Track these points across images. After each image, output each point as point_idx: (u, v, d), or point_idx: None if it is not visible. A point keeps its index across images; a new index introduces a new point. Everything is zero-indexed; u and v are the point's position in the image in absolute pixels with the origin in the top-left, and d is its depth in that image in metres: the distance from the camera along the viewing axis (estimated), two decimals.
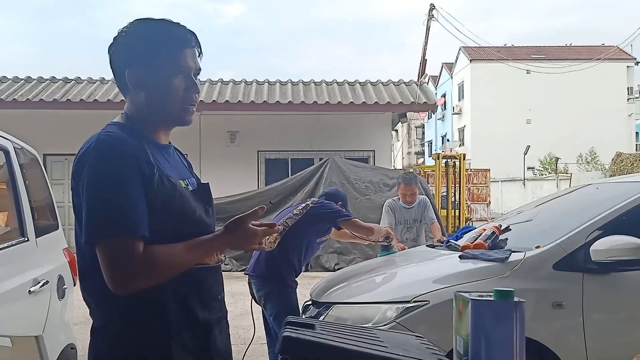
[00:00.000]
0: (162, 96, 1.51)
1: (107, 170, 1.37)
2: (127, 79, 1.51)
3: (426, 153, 46.08)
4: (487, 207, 18.49)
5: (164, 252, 1.39)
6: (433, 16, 18.79)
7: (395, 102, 12.25)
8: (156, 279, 1.39)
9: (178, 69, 1.51)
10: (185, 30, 1.55)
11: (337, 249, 10.10)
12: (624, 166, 23.41)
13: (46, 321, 2.87)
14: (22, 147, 3.09)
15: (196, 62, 1.56)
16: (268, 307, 3.72)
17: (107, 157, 1.39)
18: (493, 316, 1.18)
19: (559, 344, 3.04)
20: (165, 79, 1.51)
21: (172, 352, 1.43)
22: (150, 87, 1.51)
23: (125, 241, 1.34)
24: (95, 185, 1.37)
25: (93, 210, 1.36)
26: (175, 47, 1.51)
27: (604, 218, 3.22)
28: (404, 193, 5.28)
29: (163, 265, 1.39)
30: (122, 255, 1.34)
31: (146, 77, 1.50)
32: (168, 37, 1.52)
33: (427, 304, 3.04)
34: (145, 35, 1.52)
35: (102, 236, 1.35)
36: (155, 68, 1.50)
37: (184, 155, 1.76)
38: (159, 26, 1.54)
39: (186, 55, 1.52)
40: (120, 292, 1.35)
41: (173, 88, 1.51)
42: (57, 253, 3.27)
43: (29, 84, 12.56)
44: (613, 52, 34.22)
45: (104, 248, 1.35)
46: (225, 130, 12.70)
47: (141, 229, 1.36)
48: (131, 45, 1.52)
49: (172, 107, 1.53)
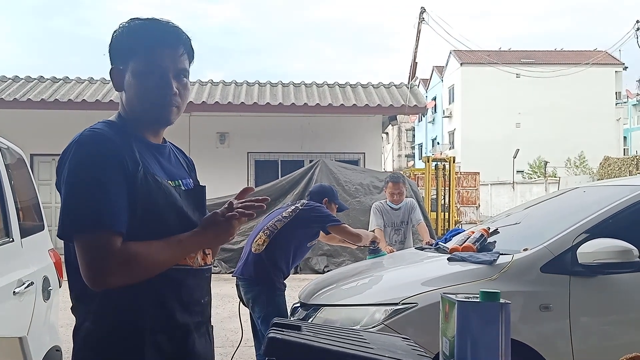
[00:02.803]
0: (136, 95, 1.50)
1: (86, 164, 1.37)
2: (110, 77, 1.53)
3: (416, 156, 46.25)
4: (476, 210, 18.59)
5: (142, 248, 1.37)
6: (423, 19, 18.89)
7: (386, 105, 12.28)
8: (134, 275, 1.37)
9: (151, 70, 1.48)
10: (167, 28, 1.52)
11: (327, 251, 10.10)
12: (612, 170, 23.62)
13: (31, 323, 2.84)
14: (8, 147, 3.06)
15: (177, 62, 1.51)
16: (256, 309, 3.70)
17: (87, 152, 1.38)
18: (479, 318, 1.19)
19: (546, 347, 3.05)
20: (139, 79, 1.48)
21: (144, 354, 1.41)
22: (127, 87, 1.51)
23: (101, 236, 1.33)
24: (74, 180, 1.36)
25: (69, 204, 1.36)
26: (150, 46, 1.48)
27: (591, 221, 3.24)
28: (391, 192, 5.34)
29: (141, 261, 1.37)
30: (98, 249, 1.33)
31: (124, 77, 1.51)
32: (144, 36, 1.49)
33: (415, 306, 3.04)
34: (125, 35, 1.51)
35: (78, 230, 1.34)
36: (131, 69, 1.49)
37: (187, 155, 1.75)
38: (140, 25, 1.52)
39: (163, 56, 1.49)
40: (96, 287, 1.34)
41: (145, 87, 1.48)
42: (42, 254, 3.24)
43: (16, 83, 12.47)
44: (602, 57, 34.56)
45: (80, 243, 1.34)
46: (214, 131, 12.67)
47: (117, 225, 1.35)
48: (114, 44, 1.52)
49: (145, 106, 1.50)
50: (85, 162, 1.37)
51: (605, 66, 37.12)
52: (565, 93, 36.23)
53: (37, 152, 11.45)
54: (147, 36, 1.50)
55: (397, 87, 13.44)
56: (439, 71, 43.64)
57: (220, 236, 1.50)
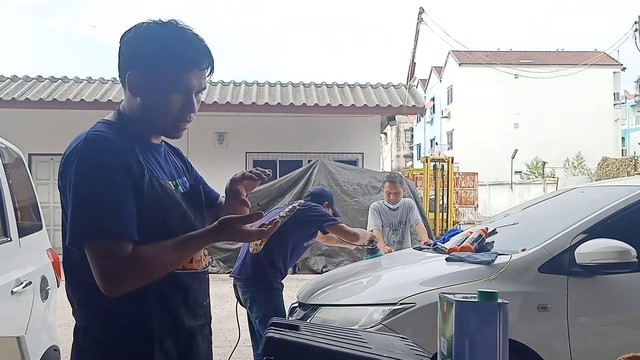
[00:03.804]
0: (156, 109, 1.46)
1: (95, 171, 1.35)
2: (127, 80, 1.45)
3: (415, 156, 46.30)
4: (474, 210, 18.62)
5: (153, 251, 1.37)
6: (422, 20, 18.90)
7: (384, 105, 12.28)
8: (147, 279, 1.37)
9: (179, 87, 1.45)
10: (201, 48, 1.47)
11: (325, 251, 10.10)
12: (610, 171, 23.65)
13: (29, 322, 2.84)
14: (6, 147, 3.06)
15: (202, 82, 1.49)
16: (254, 310, 3.70)
17: (95, 157, 1.36)
18: (477, 317, 1.18)
19: (543, 347, 3.05)
20: (163, 93, 1.44)
21: (154, 358, 1.41)
22: (146, 96, 1.46)
23: (113, 243, 1.32)
24: (83, 186, 1.34)
25: (80, 212, 1.34)
26: (182, 65, 1.44)
27: (589, 221, 3.24)
28: (388, 192, 5.36)
29: (153, 264, 1.37)
30: (111, 256, 1.32)
31: (145, 85, 1.45)
32: (178, 53, 1.44)
33: (413, 306, 3.04)
34: (155, 43, 1.44)
35: (90, 238, 1.33)
36: (156, 79, 1.43)
37: (179, 150, 1.73)
38: (174, 37, 1.45)
39: (192, 76, 1.46)
40: (111, 294, 1.34)
41: (169, 104, 1.45)
42: (40, 254, 3.23)
43: (14, 83, 12.45)
44: (600, 57, 34.58)
45: (92, 250, 1.33)
46: (213, 131, 12.66)
47: (129, 231, 1.34)
48: (139, 47, 1.45)
49: (164, 122, 1.48)
50: (93, 169, 1.35)
51: (603, 67, 37.16)
52: (564, 94, 36.28)
53: (35, 151, 11.42)
54: (179, 52, 1.44)
55: (395, 87, 13.44)
56: (437, 71, 43.66)
57: (235, 240, 1.48)
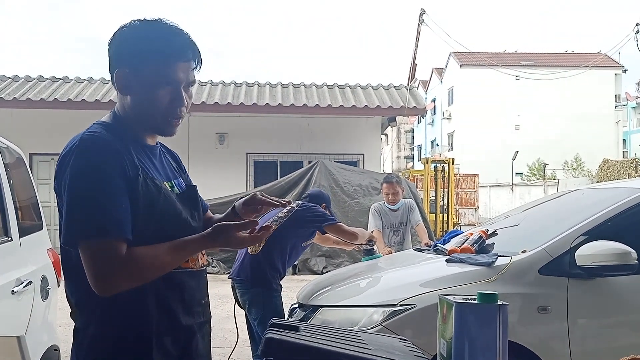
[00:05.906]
0: (145, 105, 1.47)
1: (89, 171, 1.35)
2: (115, 79, 1.47)
3: (415, 157, 46.25)
4: (475, 212, 18.61)
5: (147, 253, 1.38)
6: (423, 21, 18.91)
7: (385, 106, 12.28)
8: (140, 280, 1.38)
9: (165, 81, 1.45)
10: (184, 40, 1.48)
11: (325, 252, 10.09)
12: (611, 172, 23.64)
13: (29, 322, 2.84)
14: (7, 146, 3.06)
15: (189, 75, 1.49)
16: (253, 311, 3.69)
17: (89, 158, 1.36)
18: (476, 319, 1.18)
19: (543, 349, 3.05)
20: (150, 88, 1.45)
21: (153, 358, 1.42)
22: (135, 93, 1.47)
23: (107, 243, 1.33)
24: (77, 187, 1.35)
25: (74, 211, 1.35)
26: (166, 58, 1.44)
27: (589, 223, 3.24)
28: (386, 192, 5.38)
29: (146, 266, 1.37)
30: (104, 257, 1.32)
31: (132, 82, 1.46)
32: (162, 46, 1.44)
33: (413, 307, 3.04)
34: (139, 39, 1.46)
35: (84, 237, 1.34)
36: (142, 75, 1.44)
37: (174, 153, 1.73)
38: (157, 32, 1.46)
39: (178, 68, 1.46)
40: (103, 293, 1.34)
41: (157, 99, 1.46)
42: (41, 253, 3.23)
43: (16, 83, 12.46)
44: (601, 59, 34.55)
45: (86, 250, 1.33)
46: (214, 131, 12.67)
47: (123, 231, 1.35)
48: (124, 46, 1.47)
49: (155, 118, 1.48)
50: (87, 168, 1.35)
51: (604, 69, 37.13)
52: (565, 95, 36.26)
53: (36, 151, 11.44)
54: (162, 45, 1.45)
55: (396, 88, 13.44)
56: (438, 73, 43.64)
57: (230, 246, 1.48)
